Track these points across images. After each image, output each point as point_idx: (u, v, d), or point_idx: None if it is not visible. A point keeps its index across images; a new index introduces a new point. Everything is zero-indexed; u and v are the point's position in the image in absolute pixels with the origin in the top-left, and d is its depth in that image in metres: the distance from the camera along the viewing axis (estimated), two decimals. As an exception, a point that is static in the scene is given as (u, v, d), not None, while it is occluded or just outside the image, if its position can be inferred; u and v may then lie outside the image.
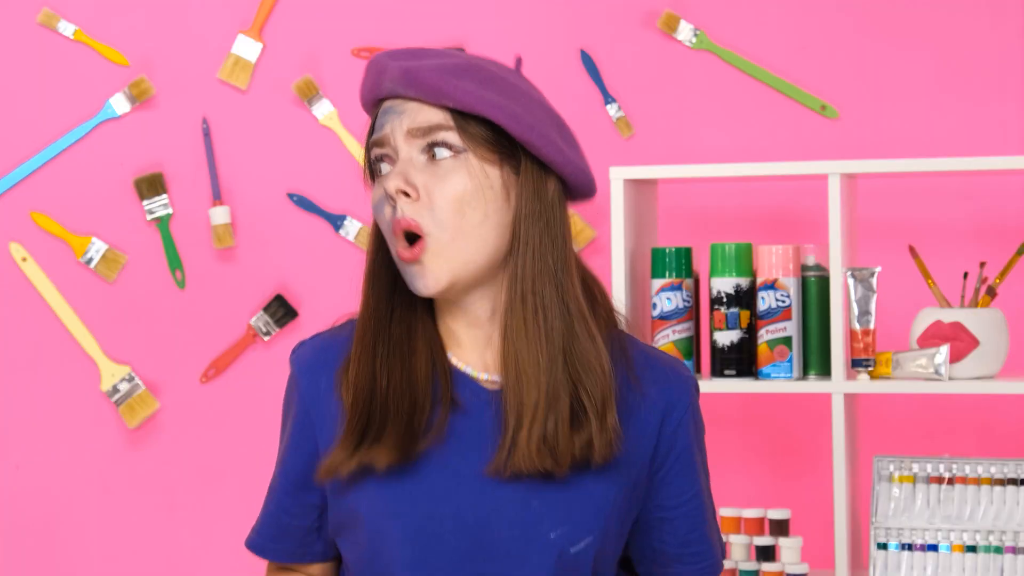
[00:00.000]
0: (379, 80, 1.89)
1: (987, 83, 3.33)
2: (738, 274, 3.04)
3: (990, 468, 2.95)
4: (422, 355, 1.89)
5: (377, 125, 1.90)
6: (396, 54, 1.89)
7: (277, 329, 3.54)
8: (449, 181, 1.84)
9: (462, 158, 1.84)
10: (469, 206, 1.84)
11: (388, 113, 1.88)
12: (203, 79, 3.57)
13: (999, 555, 2.91)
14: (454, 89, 1.84)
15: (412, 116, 1.86)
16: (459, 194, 1.84)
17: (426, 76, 1.84)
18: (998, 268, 3.11)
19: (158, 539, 3.59)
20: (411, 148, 1.86)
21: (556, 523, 1.85)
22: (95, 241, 3.56)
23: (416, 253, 1.83)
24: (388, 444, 1.84)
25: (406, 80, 1.85)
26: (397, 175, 1.84)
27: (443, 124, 1.85)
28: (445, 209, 1.83)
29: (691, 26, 3.42)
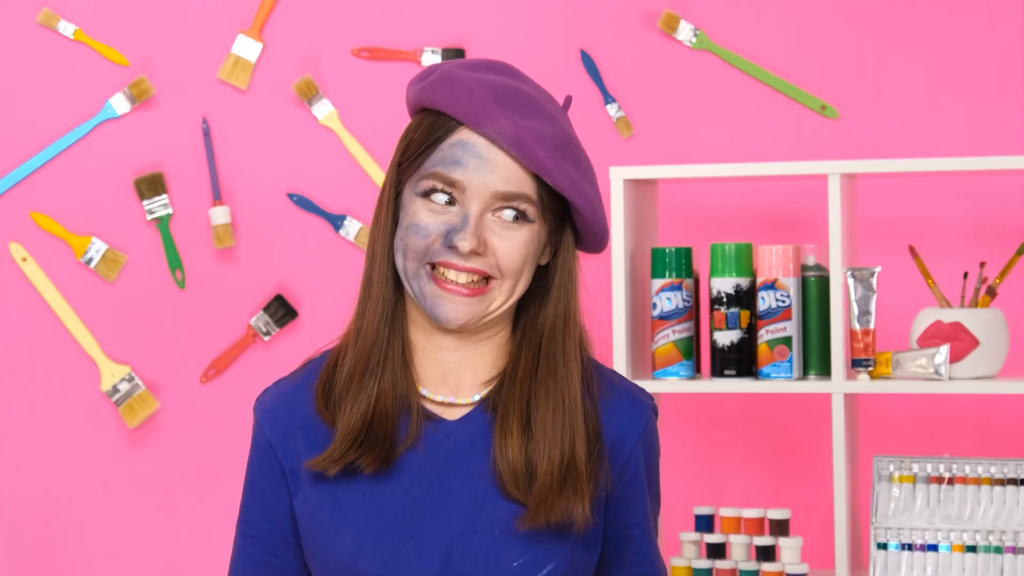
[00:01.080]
0: (479, 118, 1.83)
1: (987, 83, 3.33)
2: (738, 274, 3.04)
3: (990, 468, 2.95)
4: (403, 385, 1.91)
5: (449, 156, 1.85)
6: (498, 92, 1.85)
7: (277, 329, 3.54)
8: (516, 244, 1.85)
9: (528, 226, 1.86)
10: (528, 265, 1.87)
11: (471, 154, 1.84)
12: (203, 79, 3.57)
13: (999, 555, 2.91)
14: (559, 172, 1.84)
15: (503, 176, 1.84)
16: (524, 255, 1.86)
17: (537, 149, 1.83)
18: (998, 268, 3.11)
19: (158, 539, 3.59)
20: (487, 204, 1.84)
21: (519, 552, 1.86)
22: (95, 241, 3.56)
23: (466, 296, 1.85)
24: (375, 452, 1.87)
25: (516, 144, 1.82)
26: (473, 236, 1.83)
27: (530, 196, 1.85)
28: (511, 269, 1.85)
29: (691, 26, 3.42)
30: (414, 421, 1.89)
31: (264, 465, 1.95)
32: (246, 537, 1.98)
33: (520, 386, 1.89)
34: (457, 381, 1.92)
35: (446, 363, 1.92)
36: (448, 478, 1.88)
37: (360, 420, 1.87)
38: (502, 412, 1.89)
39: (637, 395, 1.97)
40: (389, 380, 1.89)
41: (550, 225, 1.89)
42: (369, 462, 1.86)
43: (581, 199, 1.87)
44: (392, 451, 1.87)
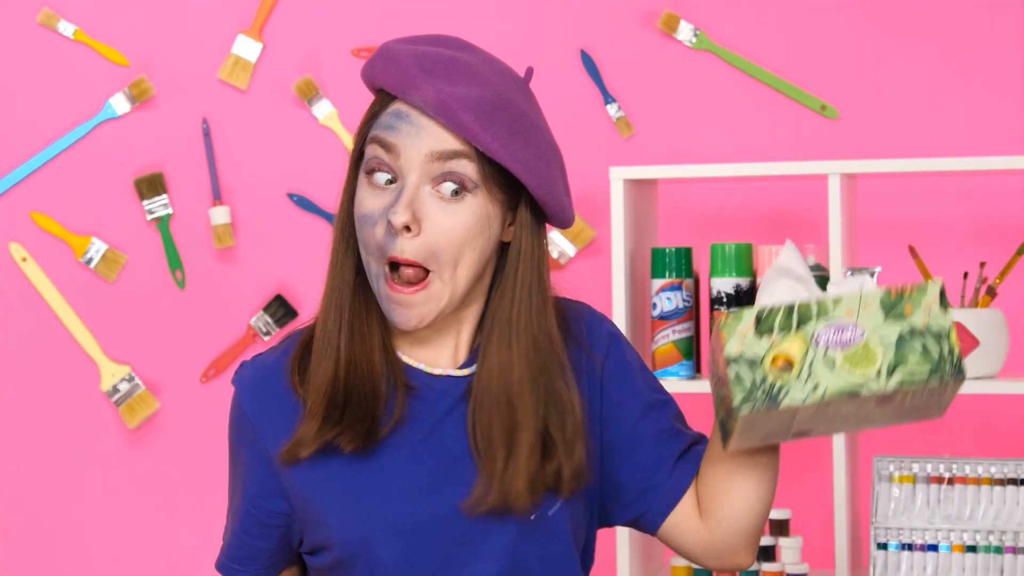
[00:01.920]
0: (405, 87, 1.82)
1: (987, 83, 3.33)
2: (738, 274, 3.04)
3: (990, 468, 2.95)
4: (378, 346, 1.88)
5: (384, 123, 1.84)
6: (426, 62, 1.83)
7: (277, 329, 3.54)
8: (455, 221, 1.81)
9: (470, 196, 1.82)
10: (469, 246, 1.83)
11: (405, 121, 1.82)
12: (203, 79, 3.57)
13: (999, 555, 2.91)
14: (487, 134, 1.80)
15: (435, 137, 1.81)
16: (463, 236, 1.82)
17: (461, 113, 1.80)
18: (998, 268, 3.11)
19: (158, 539, 3.59)
20: (421, 176, 1.81)
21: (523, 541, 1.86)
22: (95, 241, 3.56)
23: (410, 295, 1.83)
24: (353, 428, 1.84)
25: (440, 109, 1.80)
26: (405, 209, 1.79)
27: (466, 153, 1.81)
28: (447, 251, 1.82)
29: (691, 26, 3.42)
30: (400, 395, 1.87)
31: (243, 441, 1.94)
32: (232, 513, 2.00)
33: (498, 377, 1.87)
34: (434, 355, 1.91)
35: (421, 338, 1.91)
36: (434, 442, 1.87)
37: (330, 381, 1.85)
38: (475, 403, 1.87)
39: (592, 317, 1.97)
40: (360, 339, 1.87)
41: (500, 198, 1.85)
42: (348, 440, 1.84)
43: (515, 163, 1.82)
44: (376, 428, 1.85)
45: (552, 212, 1.88)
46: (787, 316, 1.71)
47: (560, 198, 1.88)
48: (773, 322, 1.71)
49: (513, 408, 1.85)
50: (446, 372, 1.90)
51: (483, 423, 1.86)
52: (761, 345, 1.70)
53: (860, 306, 1.72)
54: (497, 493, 1.83)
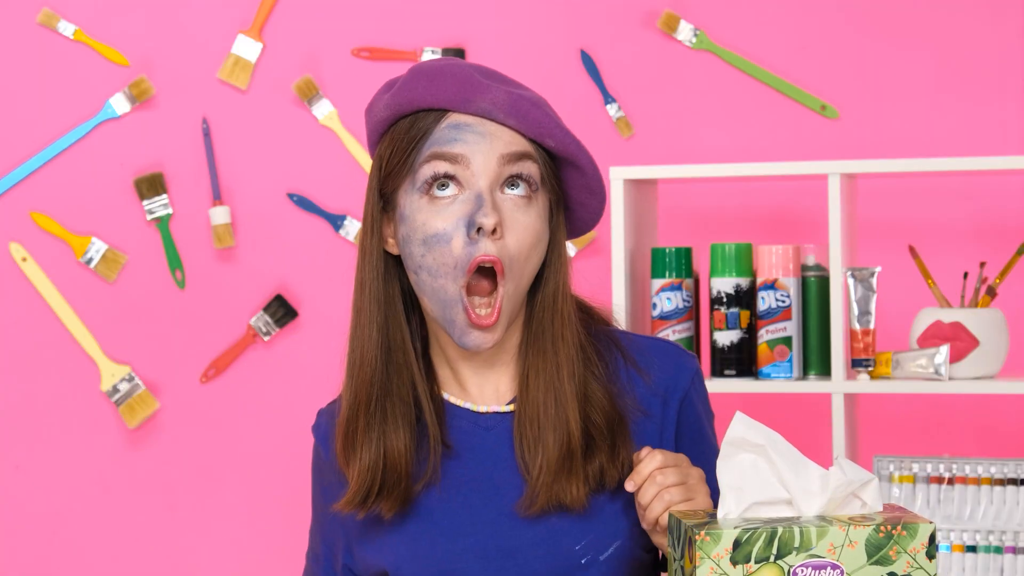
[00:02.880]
0: (469, 95, 1.80)
1: (987, 83, 3.33)
2: (738, 274, 3.04)
3: (990, 468, 2.95)
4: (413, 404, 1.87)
5: (444, 137, 1.80)
6: (484, 73, 1.83)
7: (277, 329, 3.54)
8: (529, 221, 1.81)
9: (535, 196, 1.82)
10: (536, 248, 1.83)
11: (466, 131, 1.80)
12: (203, 79, 3.57)
13: (999, 555, 2.91)
14: (557, 129, 1.82)
15: (504, 141, 1.80)
16: (535, 236, 1.82)
17: (533, 111, 1.80)
18: (998, 268, 3.11)
19: (158, 539, 3.59)
20: (495, 179, 1.80)
21: (579, 536, 1.84)
22: (95, 241, 3.56)
23: (494, 317, 1.80)
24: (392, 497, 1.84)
25: (512, 108, 1.80)
26: (493, 210, 1.78)
27: (531, 154, 1.82)
28: (522, 252, 1.81)
29: (691, 26, 3.42)
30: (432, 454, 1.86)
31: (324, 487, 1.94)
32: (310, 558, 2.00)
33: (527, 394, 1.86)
34: (479, 393, 1.90)
35: (469, 379, 1.90)
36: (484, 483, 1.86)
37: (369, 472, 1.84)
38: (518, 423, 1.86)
39: (676, 353, 1.94)
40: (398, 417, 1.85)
41: (550, 200, 1.85)
42: (387, 507, 1.85)
43: (582, 152, 1.83)
44: (409, 492, 1.85)
45: (592, 210, 1.89)
46: (767, 544, 1.64)
47: (603, 183, 1.89)
48: (751, 550, 1.64)
49: (565, 417, 1.83)
50: (491, 409, 1.89)
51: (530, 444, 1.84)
52: (735, 574, 1.64)
53: (845, 542, 1.65)
54: (550, 493, 1.82)
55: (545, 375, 1.84)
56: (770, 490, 1.72)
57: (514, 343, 1.88)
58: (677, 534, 1.72)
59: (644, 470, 1.77)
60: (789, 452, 1.74)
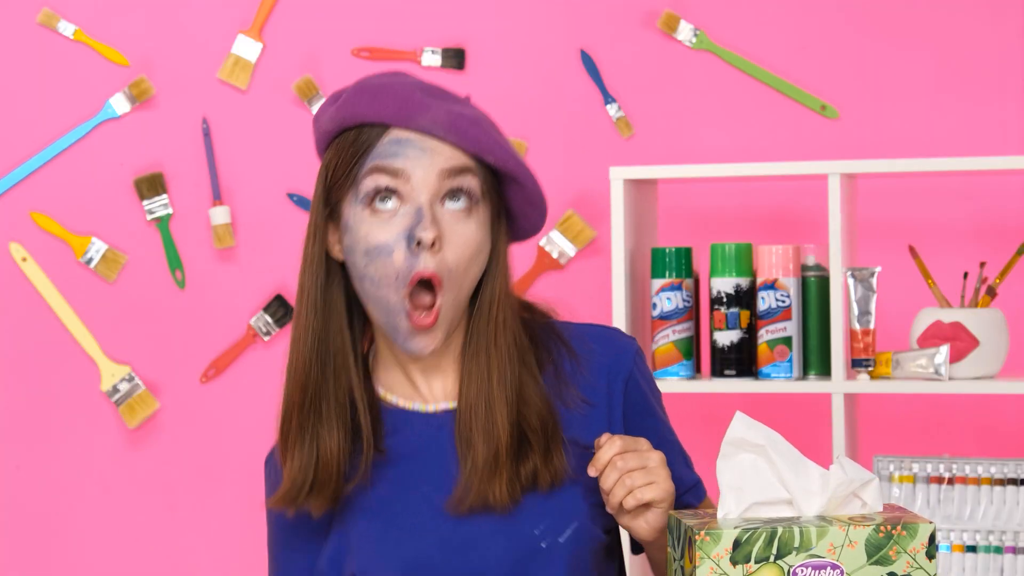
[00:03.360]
0: (410, 113, 1.85)
1: (987, 83, 3.33)
2: (738, 274, 3.04)
3: (990, 468, 2.95)
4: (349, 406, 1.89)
5: (386, 151, 1.85)
6: (425, 90, 1.87)
7: (277, 329, 3.54)
8: (469, 233, 1.84)
9: (476, 208, 1.85)
10: (476, 259, 1.86)
11: (408, 147, 1.84)
12: (203, 79, 3.57)
13: (999, 555, 2.91)
14: (496, 146, 1.85)
15: (444, 156, 1.84)
16: (475, 248, 1.85)
17: (472, 128, 1.84)
18: (998, 268, 3.11)
19: (158, 539, 3.59)
20: (435, 194, 1.83)
21: (537, 520, 1.86)
22: (95, 241, 3.56)
23: (432, 319, 1.84)
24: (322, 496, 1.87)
25: (451, 126, 1.84)
26: (432, 224, 1.81)
27: (471, 168, 1.85)
28: (460, 264, 1.84)
29: (691, 26, 3.42)
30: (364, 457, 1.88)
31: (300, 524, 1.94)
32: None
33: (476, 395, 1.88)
34: (429, 392, 1.92)
35: (419, 380, 1.92)
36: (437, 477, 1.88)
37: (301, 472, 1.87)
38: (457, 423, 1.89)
39: (615, 336, 1.97)
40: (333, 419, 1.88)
41: (491, 212, 1.88)
42: (317, 506, 1.87)
43: (521, 168, 1.87)
44: (339, 492, 1.88)
45: (533, 222, 1.92)
46: (767, 544, 1.65)
47: (543, 194, 1.92)
48: (751, 550, 1.64)
49: (493, 420, 1.86)
50: (439, 408, 1.91)
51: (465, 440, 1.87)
52: (734, 574, 1.65)
53: (845, 542, 1.65)
54: (476, 493, 1.84)
55: (478, 378, 1.88)
56: (770, 490, 1.72)
57: (457, 345, 1.92)
58: (677, 534, 1.72)
59: (604, 456, 1.80)
60: (789, 452, 1.74)
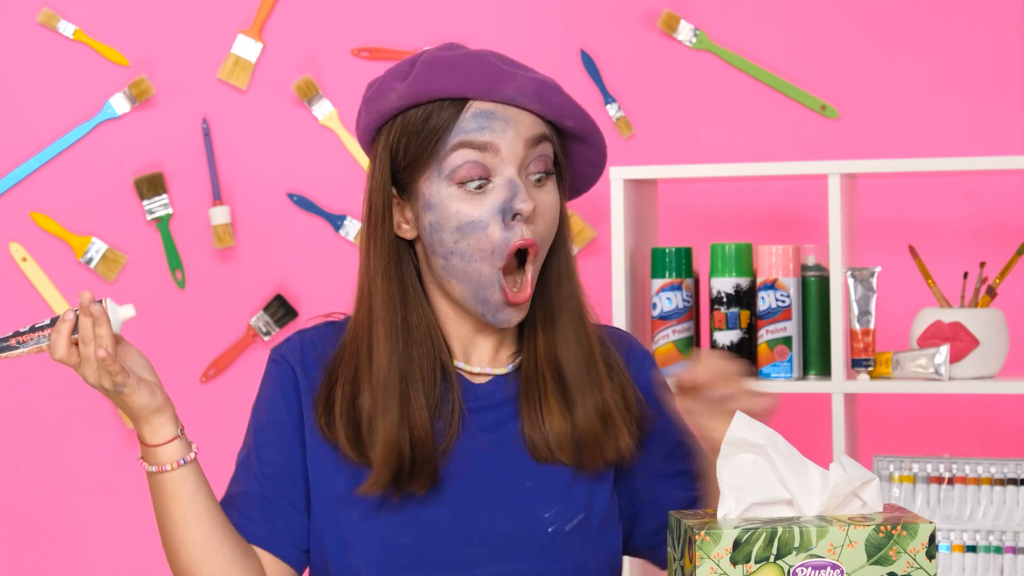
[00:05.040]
0: (494, 84, 1.84)
1: (987, 83, 3.33)
2: (738, 274, 3.04)
3: (990, 468, 2.95)
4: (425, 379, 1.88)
5: (472, 126, 1.84)
6: (502, 57, 1.88)
7: (277, 329, 3.54)
8: (551, 201, 1.87)
9: (551, 179, 1.88)
10: (554, 228, 1.89)
11: (492, 119, 1.84)
12: (203, 79, 3.57)
13: (999, 555, 2.91)
14: (574, 110, 1.87)
15: (527, 126, 1.85)
16: (555, 216, 1.88)
17: (553, 95, 1.86)
18: (998, 268, 3.11)
19: (158, 539, 3.58)
20: (522, 164, 1.84)
21: (550, 504, 1.87)
22: (95, 241, 3.56)
23: (528, 293, 1.85)
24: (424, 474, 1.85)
25: (535, 94, 1.84)
26: (527, 197, 1.83)
27: (549, 136, 1.87)
28: (548, 234, 1.87)
29: (691, 26, 3.42)
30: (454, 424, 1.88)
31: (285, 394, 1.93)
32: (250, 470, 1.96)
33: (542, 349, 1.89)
34: (483, 354, 1.93)
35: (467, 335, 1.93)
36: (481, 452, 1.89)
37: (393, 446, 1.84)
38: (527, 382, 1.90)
39: (630, 339, 2.00)
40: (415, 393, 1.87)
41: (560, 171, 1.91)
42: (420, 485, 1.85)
43: (596, 131, 1.90)
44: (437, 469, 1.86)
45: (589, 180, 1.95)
46: (767, 544, 1.64)
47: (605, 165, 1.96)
48: (751, 550, 1.64)
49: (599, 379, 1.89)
50: (483, 369, 1.92)
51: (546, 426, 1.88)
52: (734, 574, 1.64)
53: (845, 542, 1.65)
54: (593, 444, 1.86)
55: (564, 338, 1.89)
56: (770, 490, 1.72)
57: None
58: (677, 534, 1.72)
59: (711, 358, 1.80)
60: (789, 452, 1.74)
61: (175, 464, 1.81)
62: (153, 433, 1.80)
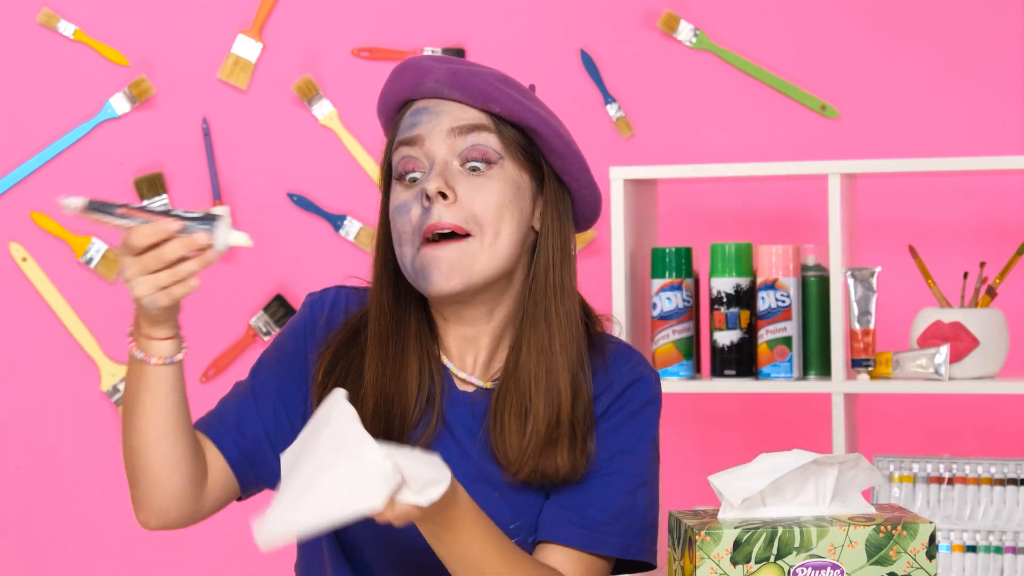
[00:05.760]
0: (419, 79, 1.88)
1: (987, 83, 3.33)
2: (738, 274, 3.04)
3: (990, 468, 2.95)
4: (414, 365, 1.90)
5: (406, 124, 1.89)
6: (435, 58, 1.90)
7: (277, 329, 3.54)
8: (490, 189, 1.85)
9: (498, 167, 1.87)
10: (507, 210, 1.86)
11: (422, 113, 1.88)
12: (203, 79, 3.57)
13: (999, 555, 2.91)
14: (501, 94, 1.86)
15: (453, 115, 1.87)
16: (499, 201, 1.86)
17: (473, 79, 1.86)
18: (998, 268, 3.11)
19: (158, 539, 3.58)
20: (449, 152, 1.86)
21: (513, 517, 1.87)
22: (95, 241, 3.56)
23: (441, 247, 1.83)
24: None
25: (453, 81, 1.86)
26: (438, 176, 1.84)
27: (486, 125, 1.87)
28: (487, 214, 1.85)
29: (691, 26, 3.42)
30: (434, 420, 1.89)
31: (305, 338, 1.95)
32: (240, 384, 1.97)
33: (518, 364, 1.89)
34: (475, 363, 1.93)
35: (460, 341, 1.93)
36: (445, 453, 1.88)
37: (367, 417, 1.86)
38: (497, 396, 1.89)
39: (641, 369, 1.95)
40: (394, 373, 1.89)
41: (527, 170, 1.89)
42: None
43: (535, 119, 1.87)
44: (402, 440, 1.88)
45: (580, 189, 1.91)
46: (767, 544, 1.64)
47: (586, 168, 1.91)
48: (752, 550, 1.64)
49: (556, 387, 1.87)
50: (468, 378, 1.92)
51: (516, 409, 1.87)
52: (735, 574, 1.64)
53: (845, 542, 1.65)
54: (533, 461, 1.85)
55: (536, 346, 1.88)
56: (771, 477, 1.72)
57: (499, 320, 1.92)
58: (677, 534, 1.72)
59: None
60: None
61: (162, 360, 1.81)
62: (155, 329, 1.80)
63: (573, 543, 1.86)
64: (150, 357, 1.81)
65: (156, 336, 1.80)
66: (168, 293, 1.72)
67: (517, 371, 1.88)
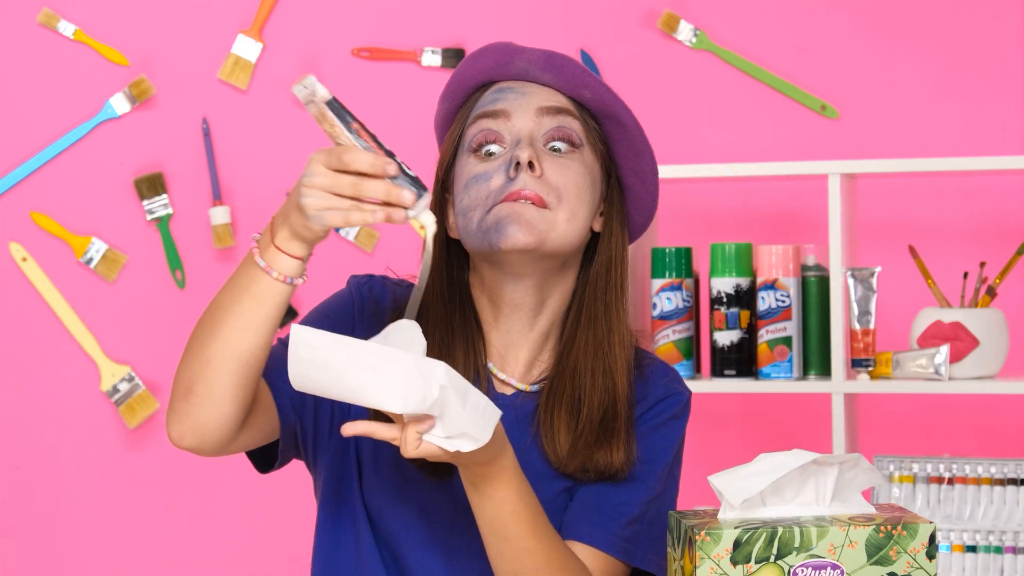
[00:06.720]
0: (508, 60, 1.88)
1: (987, 83, 3.33)
2: (738, 274, 3.04)
3: (990, 468, 2.95)
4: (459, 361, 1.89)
5: (488, 99, 1.88)
6: (520, 45, 1.91)
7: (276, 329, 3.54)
8: (572, 169, 1.86)
9: (579, 152, 1.87)
10: (586, 195, 1.86)
11: (507, 91, 1.88)
12: (203, 79, 3.57)
13: (999, 555, 2.91)
14: (593, 81, 1.88)
15: (543, 95, 1.87)
16: (580, 182, 1.86)
17: (568, 64, 1.87)
18: (998, 268, 3.11)
19: (158, 539, 3.59)
20: (536, 127, 1.86)
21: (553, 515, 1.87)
22: (95, 241, 3.56)
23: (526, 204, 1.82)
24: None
25: (547, 63, 1.87)
26: (528, 146, 1.83)
27: (572, 111, 1.88)
28: (570, 192, 1.84)
29: (691, 26, 3.42)
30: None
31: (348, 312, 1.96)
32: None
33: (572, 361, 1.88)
34: (517, 366, 1.92)
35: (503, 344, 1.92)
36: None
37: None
38: (549, 391, 1.88)
39: (676, 386, 1.96)
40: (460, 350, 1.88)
41: (601, 163, 1.90)
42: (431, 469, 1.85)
43: (619, 105, 1.89)
44: None
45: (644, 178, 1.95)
46: (767, 544, 1.64)
47: (655, 167, 1.96)
48: (752, 550, 1.63)
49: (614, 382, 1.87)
50: (508, 379, 1.92)
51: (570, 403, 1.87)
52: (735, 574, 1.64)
53: (845, 542, 1.65)
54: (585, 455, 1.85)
55: (595, 342, 1.88)
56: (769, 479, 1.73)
57: (545, 322, 1.91)
58: (677, 534, 1.72)
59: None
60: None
61: (283, 276, 1.77)
62: (293, 244, 1.75)
63: (592, 542, 1.86)
64: (272, 269, 1.76)
65: (289, 252, 1.75)
66: (344, 216, 1.68)
67: (571, 367, 1.88)
